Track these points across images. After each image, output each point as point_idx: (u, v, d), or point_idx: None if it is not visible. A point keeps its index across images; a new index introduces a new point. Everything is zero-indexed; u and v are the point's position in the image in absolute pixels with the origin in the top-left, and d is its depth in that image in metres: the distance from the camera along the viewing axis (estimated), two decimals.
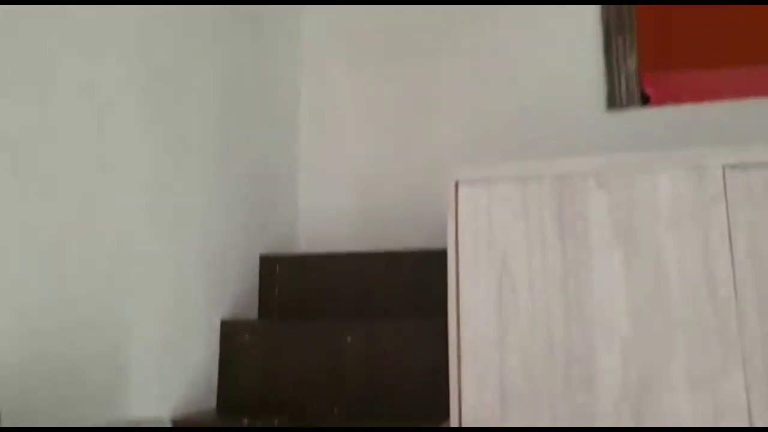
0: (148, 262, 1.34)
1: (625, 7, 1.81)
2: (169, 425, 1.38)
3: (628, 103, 1.78)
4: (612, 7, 1.82)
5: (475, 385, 1.25)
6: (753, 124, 1.70)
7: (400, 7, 2.01)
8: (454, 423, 1.25)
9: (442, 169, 1.75)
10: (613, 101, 1.79)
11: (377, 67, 2.00)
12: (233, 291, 1.64)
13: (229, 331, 1.57)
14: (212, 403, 1.54)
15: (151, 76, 1.37)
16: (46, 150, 1.10)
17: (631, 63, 1.79)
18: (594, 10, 1.84)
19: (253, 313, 1.73)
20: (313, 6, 2.12)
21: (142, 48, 1.34)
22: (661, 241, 1.20)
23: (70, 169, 1.15)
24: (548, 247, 1.27)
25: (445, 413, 1.39)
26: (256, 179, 1.78)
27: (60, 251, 1.12)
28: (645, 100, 1.79)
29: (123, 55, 1.29)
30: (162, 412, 1.36)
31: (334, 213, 1.94)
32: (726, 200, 1.18)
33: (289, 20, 2.04)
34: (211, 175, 1.57)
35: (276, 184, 1.89)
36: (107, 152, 1.24)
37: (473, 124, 1.87)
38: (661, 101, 1.77)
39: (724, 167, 1.18)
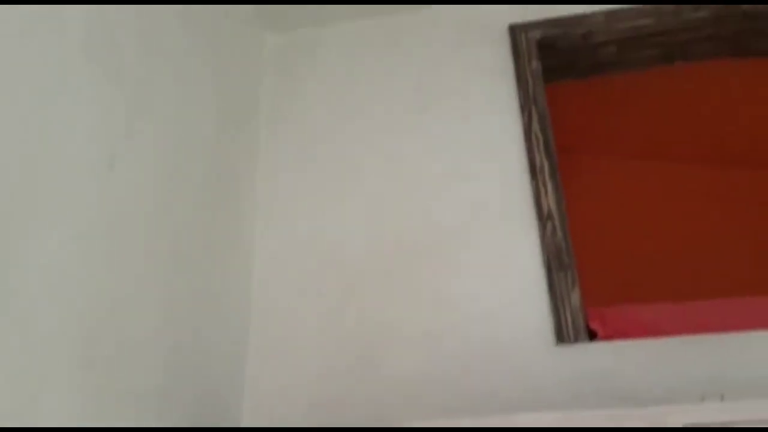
0: None
1: (563, 247, 1.89)
2: None
3: (576, 338, 1.79)
4: (551, 246, 1.90)
5: None
6: (701, 359, 1.71)
7: (351, 243, 2.06)
8: None
9: (393, 416, 1.66)
10: (561, 336, 1.79)
11: (328, 304, 1.99)
12: None
13: None
14: None
15: (90, 319, 1.30)
16: None
17: (575, 299, 1.83)
18: (534, 248, 1.92)
19: None
20: (266, 226, 2.13)
21: (77, 290, 1.29)
22: None
23: None
24: None
25: None
26: (198, 417, 1.65)
27: None
28: (593, 335, 1.80)
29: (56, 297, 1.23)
30: None
31: None
32: None
33: (241, 241, 2.04)
34: (150, 419, 1.45)
35: (220, 419, 1.76)
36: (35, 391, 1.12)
37: (426, 362, 1.83)
38: (608, 336, 1.79)
39: (684, 427, 1.15)
